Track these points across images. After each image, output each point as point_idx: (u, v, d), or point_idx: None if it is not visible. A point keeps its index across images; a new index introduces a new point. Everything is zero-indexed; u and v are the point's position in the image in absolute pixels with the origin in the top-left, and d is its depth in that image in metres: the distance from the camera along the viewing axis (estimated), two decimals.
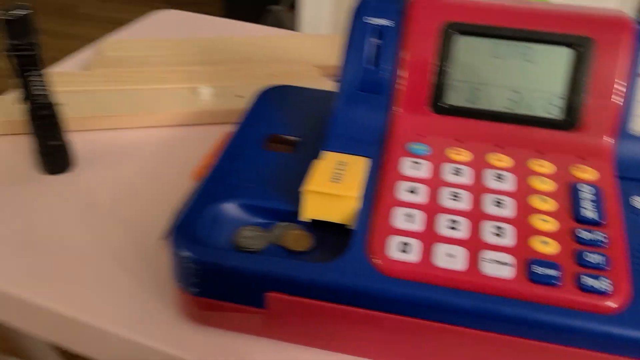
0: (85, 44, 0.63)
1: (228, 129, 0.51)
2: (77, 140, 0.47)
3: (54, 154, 0.43)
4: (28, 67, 0.38)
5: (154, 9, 0.76)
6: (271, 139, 0.39)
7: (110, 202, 0.41)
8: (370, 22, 0.36)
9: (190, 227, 0.31)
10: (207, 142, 0.48)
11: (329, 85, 0.48)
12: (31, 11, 0.36)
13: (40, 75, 0.39)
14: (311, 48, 0.62)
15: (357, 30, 0.36)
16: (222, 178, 0.34)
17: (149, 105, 0.50)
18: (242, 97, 0.52)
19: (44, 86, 0.40)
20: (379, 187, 0.33)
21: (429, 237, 0.29)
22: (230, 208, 0.33)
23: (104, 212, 0.40)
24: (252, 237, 0.32)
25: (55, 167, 0.43)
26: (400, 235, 0.30)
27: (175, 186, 0.43)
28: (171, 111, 0.50)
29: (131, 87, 0.54)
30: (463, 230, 0.30)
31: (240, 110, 0.51)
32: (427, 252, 0.29)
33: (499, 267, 0.28)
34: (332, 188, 0.31)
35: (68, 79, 0.53)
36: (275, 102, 0.43)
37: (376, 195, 0.32)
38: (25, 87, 0.39)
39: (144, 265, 0.36)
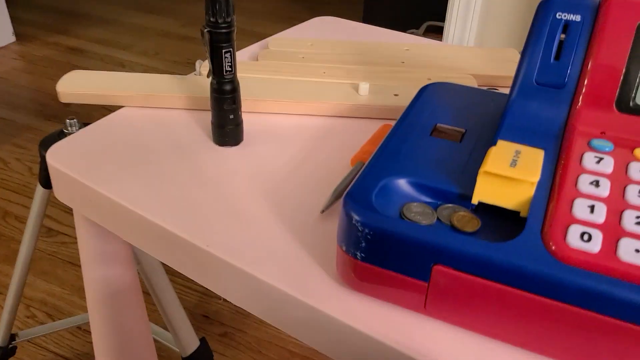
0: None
1: (384, 123, 0.53)
2: (247, 120, 0.51)
3: (230, 128, 0.47)
4: (223, 43, 0.43)
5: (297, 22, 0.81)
6: (436, 128, 0.39)
7: (275, 175, 0.44)
8: (559, 16, 0.36)
9: (363, 195, 0.32)
10: (364, 134, 0.49)
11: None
12: None
13: (232, 53, 0.43)
14: (468, 58, 0.62)
15: (543, 24, 0.36)
16: (391, 156, 0.36)
17: (313, 95, 0.53)
18: (398, 96, 0.53)
19: (233, 64, 0.44)
20: (558, 178, 0.32)
21: (614, 231, 0.28)
22: (400, 183, 0.34)
23: (269, 183, 0.43)
24: (420, 212, 0.32)
25: (229, 140, 0.47)
26: (581, 225, 0.29)
27: (334, 168, 0.45)
28: (332, 102, 0.52)
29: (296, 78, 0.57)
30: None
31: (396, 107, 0.52)
32: (610, 245, 0.28)
33: None
34: (511, 172, 0.31)
35: (240, 66, 0.58)
36: (438, 96, 0.43)
37: (555, 186, 0.31)
38: (216, 63, 0.44)
39: (307, 232, 0.38)
